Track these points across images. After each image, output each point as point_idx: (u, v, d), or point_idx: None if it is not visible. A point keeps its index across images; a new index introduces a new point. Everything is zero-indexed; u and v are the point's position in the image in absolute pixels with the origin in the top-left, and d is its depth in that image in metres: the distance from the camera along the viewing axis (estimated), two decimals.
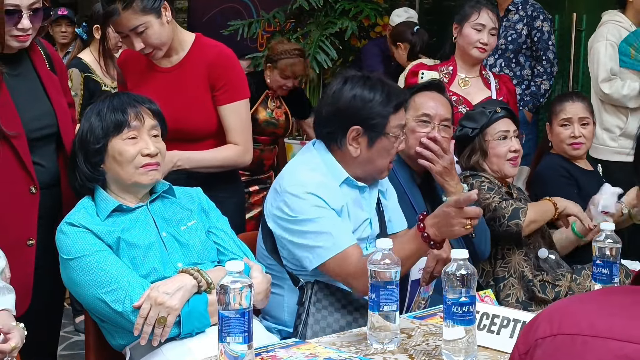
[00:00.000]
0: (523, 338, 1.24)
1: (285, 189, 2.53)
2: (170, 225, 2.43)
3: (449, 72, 3.91)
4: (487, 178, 3.24)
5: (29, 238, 2.48)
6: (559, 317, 1.20)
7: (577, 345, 1.15)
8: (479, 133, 3.26)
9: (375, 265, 2.08)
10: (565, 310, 1.22)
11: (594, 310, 1.18)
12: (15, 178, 2.45)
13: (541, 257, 3.28)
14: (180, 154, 2.88)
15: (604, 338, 1.13)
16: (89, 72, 4.65)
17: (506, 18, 4.89)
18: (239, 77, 3.08)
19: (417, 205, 2.94)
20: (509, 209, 3.14)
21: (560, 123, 3.65)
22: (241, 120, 3.04)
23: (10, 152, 2.44)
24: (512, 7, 4.91)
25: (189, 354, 2.22)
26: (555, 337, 1.18)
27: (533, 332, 1.22)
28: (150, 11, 2.87)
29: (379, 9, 6.39)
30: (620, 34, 4.47)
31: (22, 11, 2.43)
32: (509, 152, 3.26)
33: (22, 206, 2.47)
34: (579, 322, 1.17)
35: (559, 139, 3.66)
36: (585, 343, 1.14)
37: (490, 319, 2.12)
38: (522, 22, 4.89)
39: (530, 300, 3.20)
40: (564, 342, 1.17)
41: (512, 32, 4.88)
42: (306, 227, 2.48)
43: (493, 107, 3.32)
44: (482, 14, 3.85)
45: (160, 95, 2.81)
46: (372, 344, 2.10)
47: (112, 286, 2.25)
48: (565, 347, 1.16)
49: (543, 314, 1.24)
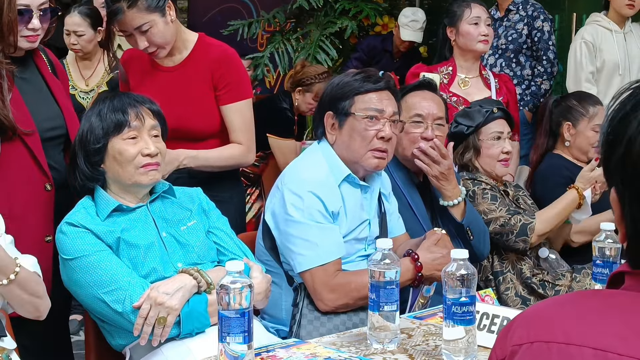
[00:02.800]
0: (500, 343, 1.23)
1: (285, 185, 2.55)
2: (170, 225, 2.43)
3: (449, 72, 3.91)
4: (487, 183, 3.23)
5: (47, 234, 2.50)
6: (535, 324, 1.19)
7: (552, 353, 1.14)
8: (474, 131, 3.26)
9: (375, 265, 2.08)
10: (541, 315, 1.21)
11: (570, 316, 1.18)
12: (31, 176, 2.49)
13: (541, 256, 3.29)
14: (187, 153, 2.89)
15: (579, 346, 1.12)
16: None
17: (506, 18, 4.89)
18: (242, 77, 3.08)
19: (416, 206, 2.94)
20: (517, 226, 3.14)
21: (593, 127, 3.56)
22: (244, 120, 3.04)
23: (25, 151, 2.47)
24: (512, 7, 4.91)
25: (189, 354, 2.22)
26: (531, 344, 1.17)
27: (509, 339, 1.21)
28: (155, 10, 2.87)
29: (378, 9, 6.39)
30: (597, 32, 4.52)
31: (32, 11, 2.46)
32: (501, 154, 3.27)
33: (38, 203, 2.50)
34: (554, 329, 1.16)
35: (587, 143, 3.57)
36: (560, 351, 1.13)
37: (490, 319, 2.12)
38: (523, 22, 4.89)
39: (530, 294, 3.20)
40: (540, 350, 1.16)
41: (512, 31, 4.88)
42: (295, 230, 2.49)
43: (490, 106, 3.32)
44: (474, 8, 3.87)
45: (162, 94, 2.82)
46: (372, 344, 2.10)
47: (112, 286, 2.25)
48: (541, 355, 1.16)
49: (519, 319, 1.23)
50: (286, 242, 2.53)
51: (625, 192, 1.16)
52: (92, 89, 4.63)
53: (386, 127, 2.57)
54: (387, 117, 2.58)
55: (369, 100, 2.58)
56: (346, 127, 2.59)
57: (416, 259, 2.52)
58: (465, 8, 3.87)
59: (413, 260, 2.52)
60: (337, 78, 2.70)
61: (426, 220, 2.93)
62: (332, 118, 2.61)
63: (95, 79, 4.65)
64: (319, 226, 2.49)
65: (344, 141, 2.59)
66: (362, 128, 2.56)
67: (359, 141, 2.57)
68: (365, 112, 2.57)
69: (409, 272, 2.51)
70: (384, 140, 2.57)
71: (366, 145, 2.57)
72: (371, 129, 2.56)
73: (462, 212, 2.94)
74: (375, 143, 2.57)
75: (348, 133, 2.58)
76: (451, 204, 2.93)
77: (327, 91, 2.68)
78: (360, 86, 2.59)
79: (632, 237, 1.17)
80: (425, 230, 2.76)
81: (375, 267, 2.08)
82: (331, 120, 2.61)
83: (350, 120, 2.58)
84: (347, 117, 2.58)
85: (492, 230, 3.15)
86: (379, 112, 2.57)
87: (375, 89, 2.59)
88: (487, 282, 3.26)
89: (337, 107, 2.60)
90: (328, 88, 2.69)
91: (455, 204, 2.93)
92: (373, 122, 2.57)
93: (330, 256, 2.49)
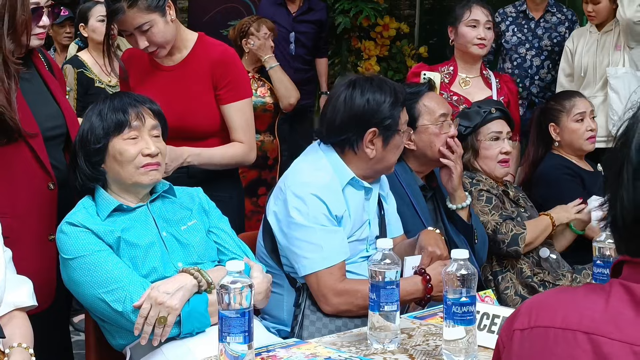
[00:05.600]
0: (505, 327, 1.32)
1: (289, 188, 2.54)
2: (170, 225, 2.43)
3: (450, 72, 3.92)
4: (484, 184, 3.24)
5: (50, 233, 2.51)
6: (537, 310, 1.27)
7: (549, 337, 1.22)
8: (472, 132, 3.27)
9: (375, 266, 2.08)
10: (543, 303, 1.28)
11: (569, 304, 1.24)
12: (34, 175, 2.49)
13: (542, 256, 3.29)
14: (190, 150, 2.89)
15: (574, 330, 1.19)
16: (83, 68, 4.71)
17: (543, 19, 4.93)
18: (242, 76, 3.09)
19: (419, 207, 2.94)
20: (508, 235, 3.16)
21: (575, 119, 3.61)
22: (245, 119, 3.05)
23: (28, 150, 2.48)
24: (550, 9, 4.95)
25: (189, 354, 2.22)
26: (532, 329, 1.25)
27: (513, 323, 1.29)
28: (155, 9, 2.88)
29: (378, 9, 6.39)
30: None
31: (42, 8, 2.47)
32: (499, 154, 3.27)
33: (42, 202, 2.51)
34: (555, 315, 1.23)
35: (575, 136, 3.60)
36: (557, 335, 1.21)
37: (490, 319, 2.12)
38: (564, 25, 4.94)
39: (530, 294, 3.21)
40: (538, 334, 1.24)
41: (555, 34, 4.92)
42: (299, 233, 2.49)
43: (488, 107, 3.33)
44: (474, 10, 3.87)
45: (163, 94, 2.82)
46: (372, 344, 2.10)
47: (113, 286, 2.25)
48: (539, 339, 1.23)
49: (524, 306, 1.31)
50: (290, 245, 2.52)
51: None
52: (117, 83, 4.65)
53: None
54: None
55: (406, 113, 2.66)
56: (391, 144, 2.61)
57: (428, 279, 2.49)
58: (465, 10, 3.88)
59: (424, 281, 2.50)
60: (370, 95, 2.59)
61: (429, 221, 2.94)
62: (375, 135, 2.58)
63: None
64: (323, 229, 2.49)
65: (385, 156, 2.62)
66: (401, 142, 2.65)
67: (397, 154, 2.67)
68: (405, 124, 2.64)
69: (419, 292, 2.50)
70: None
71: (399, 155, 2.69)
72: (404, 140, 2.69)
73: (467, 216, 3.04)
74: None
75: (391, 149, 2.62)
76: (459, 207, 3.02)
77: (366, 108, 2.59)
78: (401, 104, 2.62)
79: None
80: None
81: (375, 267, 2.08)
82: (372, 137, 2.58)
83: (396, 137, 2.62)
84: (394, 134, 2.61)
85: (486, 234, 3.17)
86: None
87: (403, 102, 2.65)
88: (487, 282, 3.26)
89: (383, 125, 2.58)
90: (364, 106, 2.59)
91: (464, 206, 3.02)
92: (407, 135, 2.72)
93: (336, 259, 2.49)
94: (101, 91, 4.62)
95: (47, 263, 2.44)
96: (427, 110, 2.97)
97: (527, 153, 3.77)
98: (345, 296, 2.48)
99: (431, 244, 2.58)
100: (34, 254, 2.38)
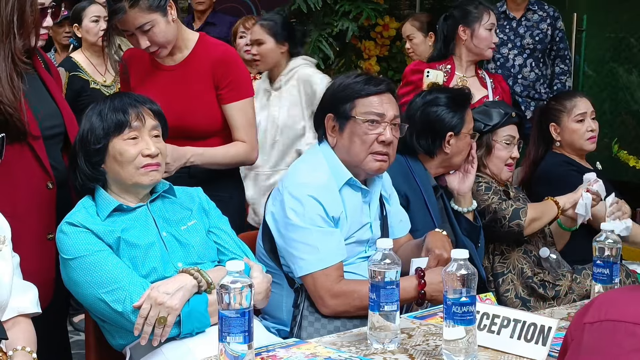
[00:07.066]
0: (575, 321, 1.39)
1: (286, 189, 2.54)
2: (170, 225, 2.43)
3: (447, 71, 3.92)
4: (484, 179, 3.27)
5: (49, 232, 2.51)
6: (607, 305, 1.34)
7: (618, 331, 1.29)
8: (491, 130, 3.29)
9: (375, 266, 2.08)
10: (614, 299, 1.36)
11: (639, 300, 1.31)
12: (33, 174, 2.49)
13: (542, 256, 3.29)
14: (194, 150, 2.89)
15: None
16: (76, 71, 4.71)
17: (524, 17, 4.94)
18: (244, 76, 3.10)
19: (432, 206, 2.97)
20: (509, 210, 3.18)
21: (575, 119, 3.60)
22: (247, 118, 3.05)
23: (27, 149, 2.48)
24: (531, 7, 4.96)
25: (189, 354, 2.22)
26: (601, 323, 1.32)
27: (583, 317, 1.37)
28: (157, 9, 2.88)
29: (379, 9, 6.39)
30: None
31: (47, 9, 2.48)
32: (509, 158, 3.31)
33: (40, 201, 2.51)
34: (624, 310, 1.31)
35: (576, 136, 3.60)
36: (627, 329, 1.28)
37: (490, 319, 2.12)
38: (545, 22, 4.95)
39: (530, 296, 3.21)
40: (607, 328, 1.31)
41: (537, 31, 4.93)
42: (295, 234, 2.49)
43: (509, 110, 3.36)
44: (492, 14, 3.92)
45: (164, 93, 2.83)
46: (372, 344, 2.10)
47: (113, 286, 2.25)
48: (608, 333, 1.30)
49: (595, 302, 1.38)
50: (287, 246, 2.52)
51: None
52: (113, 82, 4.65)
53: (387, 130, 2.57)
54: (387, 120, 2.57)
55: (370, 104, 2.57)
56: (347, 131, 2.58)
57: (422, 275, 2.49)
58: (484, 12, 3.88)
59: (418, 277, 2.49)
60: (338, 80, 2.68)
61: (438, 219, 2.97)
62: (332, 120, 2.60)
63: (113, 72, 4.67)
64: (320, 230, 2.49)
65: (344, 144, 2.59)
66: (362, 132, 2.55)
67: (359, 145, 2.56)
68: (366, 116, 2.56)
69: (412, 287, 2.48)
70: (384, 144, 2.57)
71: (367, 149, 2.56)
72: (372, 133, 2.55)
73: (472, 219, 3.12)
74: (375, 147, 2.56)
75: (349, 136, 2.57)
76: (466, 210, 3.10)
77: (328, 92, 2.68)
78: (362, 89, 2.58)
79: None
80: None
81: (375, 267, 2.08)
82: (332, 123, 2.61)
83: (351, 123, 2.57)
84: (348, 120, 2.57)
85: (486, 220, 3.20)
86: (380, 116, 2.56)
87: (376, 92, 2.58)
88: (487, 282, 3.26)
89: (338, 109, 2.59)
90: (329, 89, 2.69)
91: (470, 210, 3.12)
92: (374, 126, 2.56)
93: (332, 260, 2.49)
94: (97, 92, 4.62)
95: (45, 262, 2.44)
96: (470, 120, 3.08)
97: (527, 152, 3.77)
98: (342, 298, 2.48)
99: (438, 246, 2.57)
100: (33, 253, 2.38)
